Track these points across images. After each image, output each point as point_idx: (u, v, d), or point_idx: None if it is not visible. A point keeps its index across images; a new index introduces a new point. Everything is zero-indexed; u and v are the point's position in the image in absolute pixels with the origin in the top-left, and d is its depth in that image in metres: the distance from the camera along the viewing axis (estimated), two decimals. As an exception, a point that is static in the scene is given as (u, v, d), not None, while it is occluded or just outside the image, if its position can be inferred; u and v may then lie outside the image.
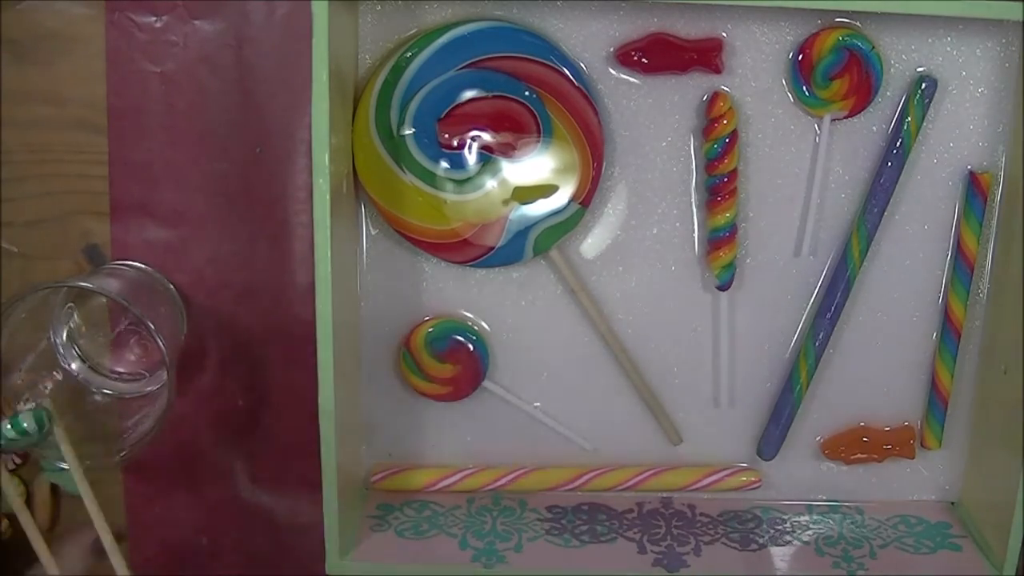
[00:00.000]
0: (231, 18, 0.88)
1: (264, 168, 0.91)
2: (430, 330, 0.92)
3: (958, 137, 0.91)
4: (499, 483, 0.96)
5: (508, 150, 0.87)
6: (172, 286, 0.93)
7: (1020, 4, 0.80)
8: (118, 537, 0.92)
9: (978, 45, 0.89)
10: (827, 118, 0.89)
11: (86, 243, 0.93)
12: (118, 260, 0.93)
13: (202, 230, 0.93)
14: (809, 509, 0.98)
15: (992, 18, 0.82)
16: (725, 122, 0.88)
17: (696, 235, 0.92)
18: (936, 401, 0.96)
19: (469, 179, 0.87)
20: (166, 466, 0.97)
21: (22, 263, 0.93)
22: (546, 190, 0.88)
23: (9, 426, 0.82)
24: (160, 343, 0.83)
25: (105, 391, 0.94)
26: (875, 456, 0.97)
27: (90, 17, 0.88)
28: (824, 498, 0.99)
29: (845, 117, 0.90)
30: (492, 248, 0.89)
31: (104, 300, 0.93)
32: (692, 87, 0.89)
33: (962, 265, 0.92)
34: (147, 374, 0.94)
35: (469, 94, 0.86)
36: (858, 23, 0.88)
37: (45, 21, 0.88)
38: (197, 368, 0.96)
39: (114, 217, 0.92)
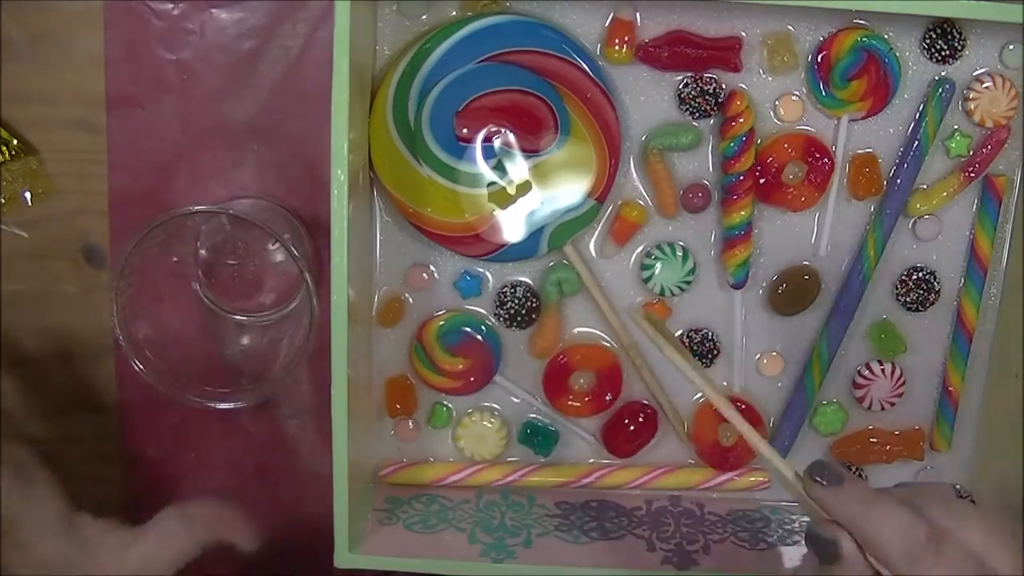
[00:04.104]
0: (249, 6, 0.88)
1: (279, 159, 0.91)
2: (442, 323, 0.92)
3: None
4: (508, 479, 0.96)
5: (525, 144, 0.87)
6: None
7: (1020, 6, 0.80)
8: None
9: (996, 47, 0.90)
10: (845, 119, 0.89)
11: (85, 242, 0.93)
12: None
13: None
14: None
15: (992, 20, 0.81)
16: (742, 120, 0.88)
17: (712, 233, 0.92)
18: (946, 403, 0.96)
19: (485, 173, 0.87)
20: (170, 456, 0.97)
21: (23, 263, 0.92)
22: (562, 185, 0.88)
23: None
24: (295, 253, 0.83)
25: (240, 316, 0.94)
26: (884, 457, 0.97)
27: (89, 16, 0.88)
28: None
29: (863, 118, 0.90)
30: (507, 242, 0.89)
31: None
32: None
33: (975, 268, 0.93)
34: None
35: (487, 88, 0.86)
36: (875, 25, 0.88)
37: (44, 20, 0.88)
38: (206, 359, 0.95)
39: (115, 210, 0.91)
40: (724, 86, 0.89)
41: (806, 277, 0.93)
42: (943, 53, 0.88)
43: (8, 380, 0.95)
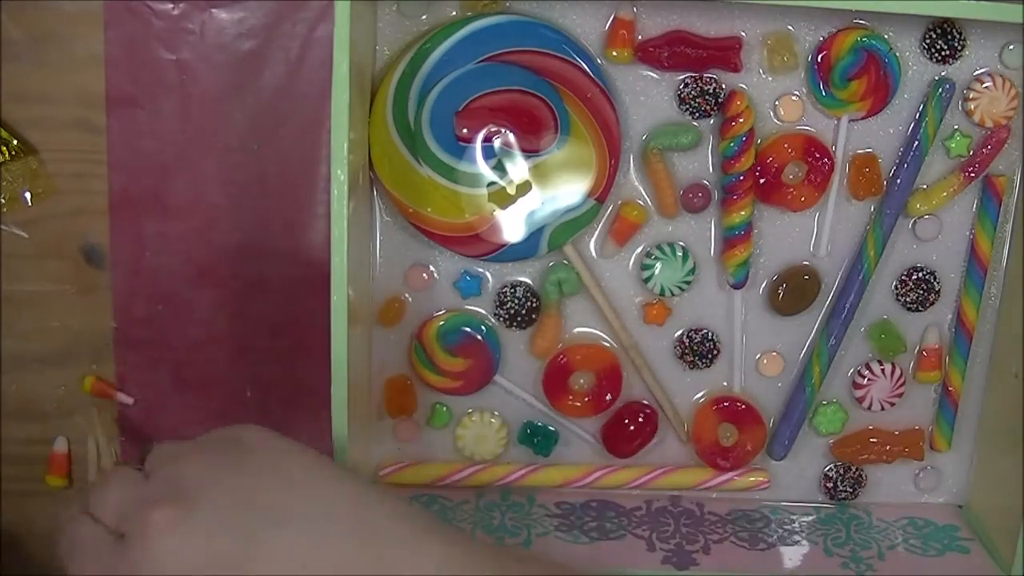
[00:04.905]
0: (248, 6, 0.88)
1: (279, 159, 0.91)
2: (442, 323, 0.92)
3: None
4: (508, 479, 0.96)
5: (525, 144, 0.87)
6: None
7: (1020, 6, 0.80)
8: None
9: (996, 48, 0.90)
10: (845, 119, 0.89)
11: (85, 242, 0.93)
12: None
13: (215, 221, 0.93)
14: (817, 509, 0.98)
15: (992, 20, 0.81)
16: (742, 120, 0.87)
17: (712, 233, 0.92)
18: (946, 403, 0.96)
19: (485, 173, 0.87)
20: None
21: (23, 263, 0.92)
22: (562, 185, 0.88)
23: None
24: None
25: None
26: (884, 457, 0.97)
27: (89, 16, 0.88)
28: (832, 499, 0.99)
29: (863, 118, 0.90)
30: (507, 243, 0.89)
31: None
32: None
33: (975, 268, 0.93)
34: None
35: (487, 88, 0.86)
36: (874, 24, 0.88)
37: (43, 20, 0.88)
38: (206, 359, 0.95)
39: (115, 210, 0.91)
40: (724, 86, 0.89)
41: (806, 277, 0.93)
42: (943, 53, 0.88)
43: (8, 380, 0.95)
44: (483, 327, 0.93)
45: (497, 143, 0.86)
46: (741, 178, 0.89)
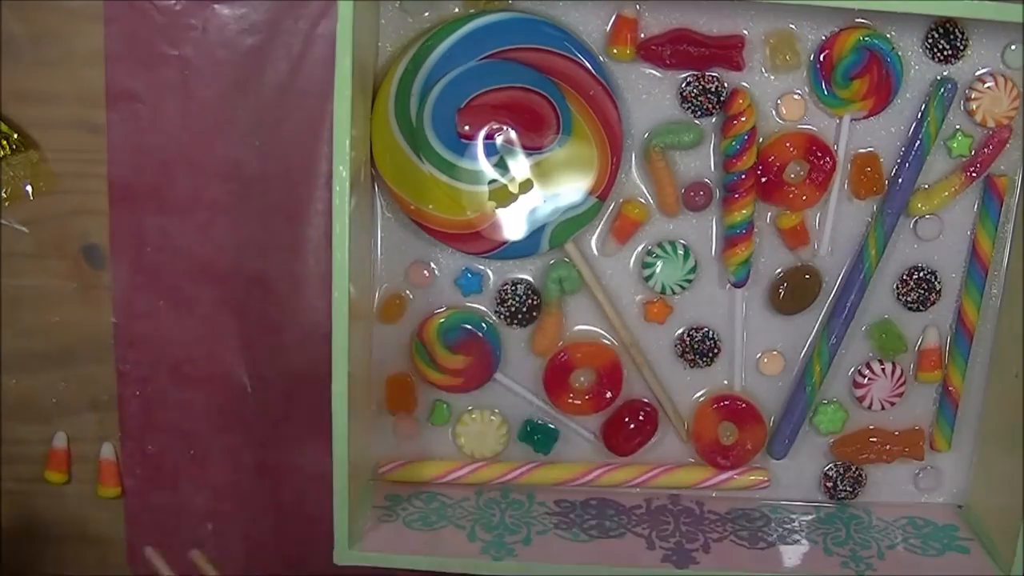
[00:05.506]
0: (251, 3, 0.88)
1: (280, 156, 0.91)
2: (443, 321, 0.92)
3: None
4: (508, 477, 0.96)
5: (527, 142, 0.87)
6: None
7: (1020, 5, 0.80)
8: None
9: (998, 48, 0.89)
10: (847, 118, 0.89)
11: (85, 242, 0.93)
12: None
13: (215, 217, 0.93)
14: (817, 509, 0.98)
15: (994, 19, 0.81)
16: (744, 119, 0.87)
17: (713, 232, 0.92)
18: (946, 403, 0.96)
19: (487, 170, 0.87)
20: (172, 452, 0.97)
21: (23, 262, 0.92)
22: (564, 183, 0.88)
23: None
24: None
25: None
26: (884, 457, 0.97)
27: (90, 13, 0.88)
28: (832, 498, 0.99)
29: (864, 117, 0.90)
30: (508, 240, 0.88)
31: None
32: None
33: (976, 267, 0.93)
34: None
35: (490, 85, 0.86)
36: (877, 24, 0.88)
37: (45, 18, 0.88)
38: (206, 354, 0.95)
39: (116, 206, 0.91)
40: (726, 84, 0.89)
41: (807, 276, 0.93)
42: (945, 53, 0.88)
43: (8, 379, 0.95)
44: (484, 324, 0.93)
45: (499, 140, 0.86)
46: (743, 177, 0.89)
